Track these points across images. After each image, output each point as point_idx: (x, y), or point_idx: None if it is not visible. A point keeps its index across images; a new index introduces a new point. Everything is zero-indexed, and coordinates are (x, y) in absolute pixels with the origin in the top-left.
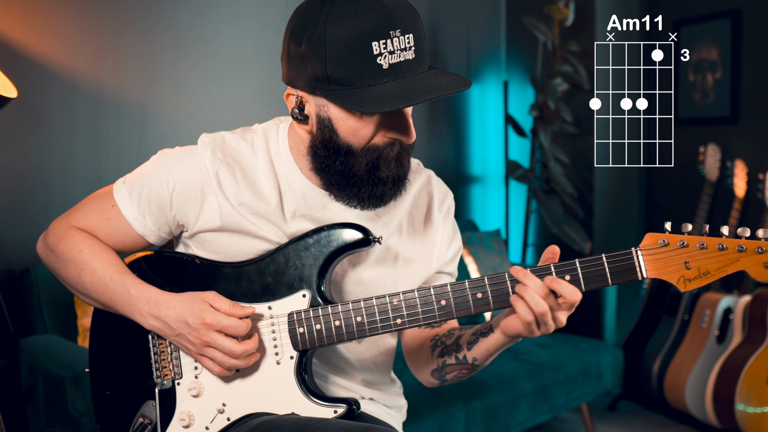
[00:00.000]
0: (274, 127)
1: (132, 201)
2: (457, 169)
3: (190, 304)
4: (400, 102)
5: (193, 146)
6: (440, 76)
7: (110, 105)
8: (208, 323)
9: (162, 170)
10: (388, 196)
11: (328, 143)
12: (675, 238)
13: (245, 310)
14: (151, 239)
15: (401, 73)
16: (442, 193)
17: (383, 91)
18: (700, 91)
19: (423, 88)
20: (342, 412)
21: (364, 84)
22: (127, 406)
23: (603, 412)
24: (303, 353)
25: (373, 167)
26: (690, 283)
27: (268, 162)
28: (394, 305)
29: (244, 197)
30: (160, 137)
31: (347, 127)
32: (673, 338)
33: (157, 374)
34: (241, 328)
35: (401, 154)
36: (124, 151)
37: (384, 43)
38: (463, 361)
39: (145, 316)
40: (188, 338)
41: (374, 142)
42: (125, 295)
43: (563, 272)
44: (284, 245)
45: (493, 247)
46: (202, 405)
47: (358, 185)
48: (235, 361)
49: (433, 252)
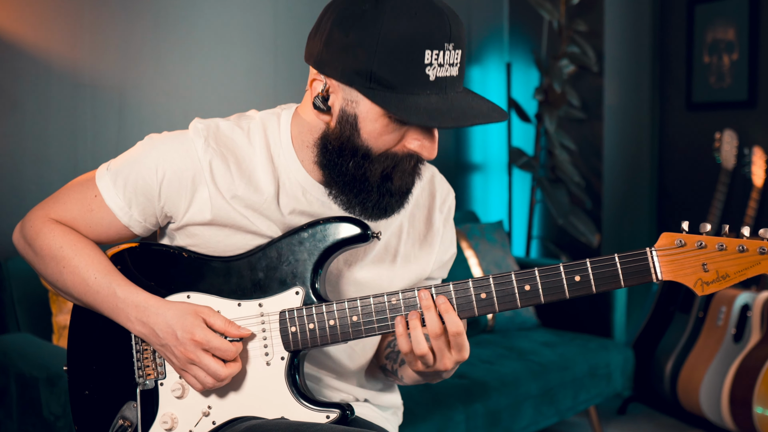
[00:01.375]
0: (274, 115)
1: (117, 189)
2: (457, 157)
3: (182, 316)
4: (448, 120)
5: (183, 132)
6: (478, 100)
7: (87, 88)
8: (197, 340)
9: (150, 157)
10: (392, 209)
11: (345, 141)
12: (692, 238)
13: (240, 331)
14: (136, 230)
15: (445, 88)
16: (444, 193)
17: (427, 104)
18: (716, 73)
19: (467, 111)
20: (335, 418)
21: (408, 91)
22: (107, 407)
23: (612, 415)
24: (295, 354)
25: (387, 176)
26: (708, 286)
27: (265, 152)
28: (392, 305)
29: (237, 190)
30: (140, 123)
31: (372, 129)
32: (686, 337)
33: (139, 374)
34: (230, 352)
35: (417, 165)
36: (102, 137)
37: (437, 53)
38: (395, 373)
39: (132, 320)
40: (173, 351)
41: (393, 150)
42: (110, 297)
43: (573, 272)
44: (277, 239)
45: (495, 240)
46: (186, 407)
47: (366, 192)
48: (217, 383)
49: (432, 255)
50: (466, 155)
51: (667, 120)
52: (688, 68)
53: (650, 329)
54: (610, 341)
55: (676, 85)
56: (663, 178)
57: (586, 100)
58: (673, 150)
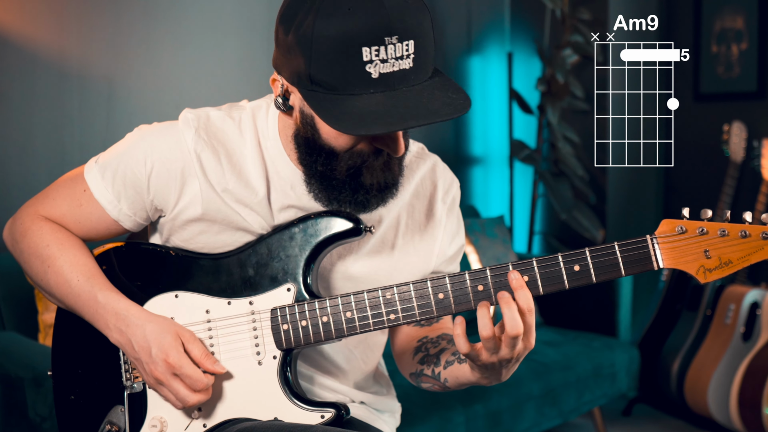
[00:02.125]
0: (264, 104)
1: (105, 183)
2: (457, 150)
3: (161, 334)
4: (380, 126)
5: (173, 122)
6: (437, 92)
7: (74, 78)
8: (169, 362)
9: (139, 149)
10: (373, 204)
11: (309, 141)
12: (694, 224)
13: (215, 367)
14: (126, 225)
15: (392, 84)
16: (448, 182)
17: (367, 105)
18: (724, 63)
19: (411, 110)
20: (330, 418)
21: (348, 92)
22: (94, 412)
23: (617, 416)
24: (287, 353)
25: (355, 173)
26: (711, 273)
27: (255, 145)
28: (387, 299)
29: (228, 183)
30: (129, 114)
31: (329, 131)
32: (694, 336)
33: (127, 377)
34: (200, 384)
35: (390, 161)
36: (89, 129)
37: (377, 49)
38: (437, 377)
39: (111, 327)
40: (144, 367)
41: (360, 148)
42: (91, 301)
43: (572, 262)
44: (267, 235)
45: (496, 236)
46: (176, 410)
47: (338, 189)
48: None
49: (434, 247)
50: (465, 148)
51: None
52: (696, 58)
53: (656, 328)
54: (615, 340)
55: (684, 75)
56: (670, 172)
57: (589, 90)
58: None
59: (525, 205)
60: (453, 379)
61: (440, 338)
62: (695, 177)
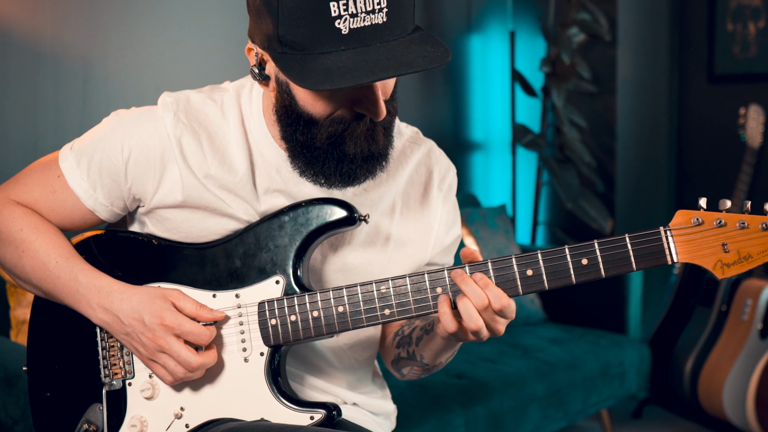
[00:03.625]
0: (248, 84)
1: (80, 171)
2: (456, 135)
3: (149, 300)
4: (347, 79)
5: (151, 107)
6: (413, 46)
7: (48, 58)
8: (167, 325)
9: (115, 135)
10: (359, 175)
11: (288, 110)
12: (711, 216)
13: (213, 314)
14: (102, 215)
15: (365, 40)
16: (444, 169)
17: (336, 63)
18: (741, 42)
19: (382, 63)
20: (320, 419)
21: (318, 50)
22: (70, 410)
23: (626, 418)
24: (275, 349)
25: (336, 141)
26: (729, 268)
27: (239, 127)
28: (382, 293)
29: (210, 168)
30: (107, 97)
31: (305, 95)
32: (708, 333)
33: (105, 373)
34: (204, 336)
35: (374, 128)
36: (64, 113)
37: (345, 3)
38: (413, 356)
39: (94, 307)
40: (140, 339)
41: (340, 114)
42: (72, 282)
43: (580, 255)
44: (255, 224)
45: (497, 226)
46: (157, 409)
47: (321, 160)
48: (189, 373)
49: (430, 237)
50: (465, 133)
51: (686, 94)
52: (710, 37)
53: (668, 324)
54: (624, 337)
55: (697, 55)
56: (682, 158)
57: (597, 72)
58: (694, 127)
59: (528, 194)
60: (428, 352)
61: None
62: (709, 164)
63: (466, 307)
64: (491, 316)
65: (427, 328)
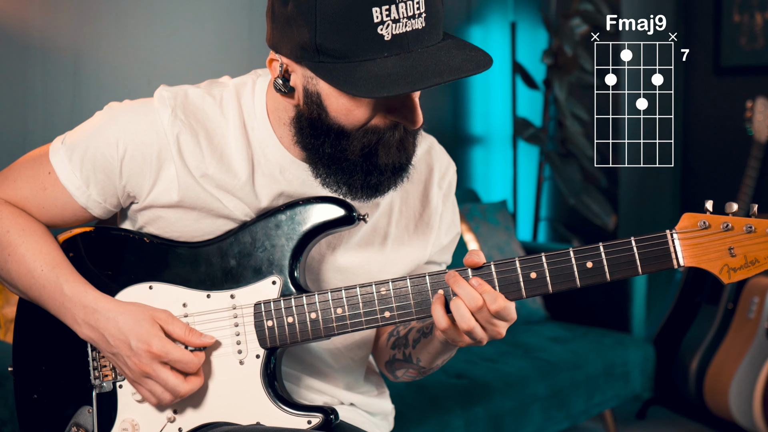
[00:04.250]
0: (249, 81)
1: (73, 166)
2: (455, 128)
3: (137, 323)
4: (402, 86)
5: (147, 100)
6: (455, 51)
7: (37, 51)
8: (153, 352)
9: (110, 129)
10: (385, 186)
11: (316, 122)
12: (717, 219)
13: (203, 340)
14: (95, 212)
15: (407, 46)
16: (444, 166)
17: (383, 69)
18: (748, 34)
19: (431, 68)
20: (318, 423)
21: (361, 58)
22: (59, 413)
23: (630, 419)
24: (271, 351)
25: (369, 153)
26: (735, 273)
27: (239, 125)
28: (382, 295)
29: (208, 168)
30: (98, 90)
31: (339, 106)
32: (714, 331)
33: (95, 375)
34: (192, 365)
35: (406, 138)
36: (54, 107)
37: (387, 9)
38: (409, 359)
39: (80, 323)
40: (126, 362)
41: (374, 123)
42: (57, 293)
43: (584, 258)
44: (251, 222)
45: (498, 222)
46: (149, 412)
47: (349, 172)
48: (176, 399)
49: (429, 236)
50: (465, 126)
51: (692, 87)
52: (716, 28)
53: (673, 323)
54: (628, 336)
55: (703, 47)
56: (687, 152)
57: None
58: (699, 120)
59: (530, 189)
60: (425, 355)
61: None
62: (715, 158)
63: (457, 307)
64: (487, 317)
65: (425, 331)
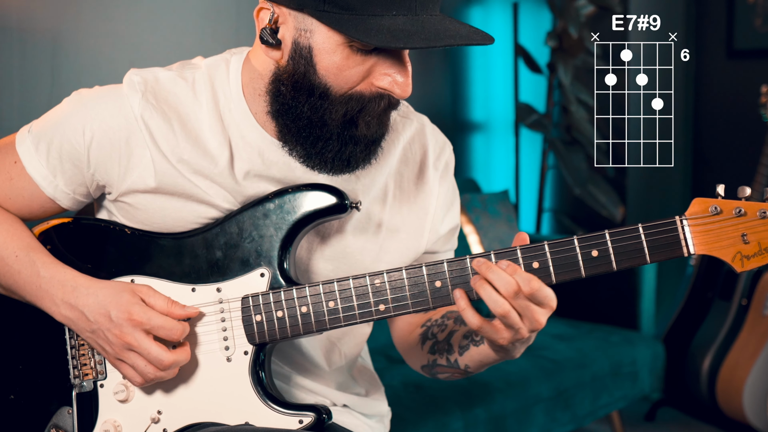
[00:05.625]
0: (222, 62)
1: (39, 155)
2: (454, 115)
3: (116, 294)
4: (416, 41)
5: (115, 86)
6: (457, 24)
7: (14, 32)
8: (135, 319)
9: (76, 116)
10: (356, 161)
11: (299, 79)
12: (730, 204)
13: (186, 311)
14: (64, 203)
15: (414, 9)
16: (439, 146)
17: (393, 25)
18: (762, 15)
19: (442, 32)
20: (309, 423)
21: (369, 12)
22: (37, 415)
23: (639, 421)
24: (260, 348)
25: (350, 121)
26: (748, 261)
27: (213, 107)
28: (376, 287)
29: (183, 153)
30: (78, 74)
31: (330, 63)
32: (727, 329)
33: (75, 373)
34: (176, 331)
35: (387, 111)
36: (31, 91)
37: None
38: (455, 365)
39: (58, 303)
40: (106, 336)
41: (359, 89)
42: (33, 277)
43: (589, 246)
44: (238, 211)
45: (499, 213)
46: (132, 413)
47: (324, 139)
48: (160, 372)
49: (426, 221)
50: (464, 112)
51: (703, 70)
52: (729, 9)
53: (684, 319)
54: (637, 334)
55: (715, 28)
56: (699, 140)
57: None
58: (712, 106)
59: (533, 179)
60: (475, 363)
61: (445, 318)
62: (728, 145)
63: (488, 294)
64: (524, 303)
65: (474, 338)
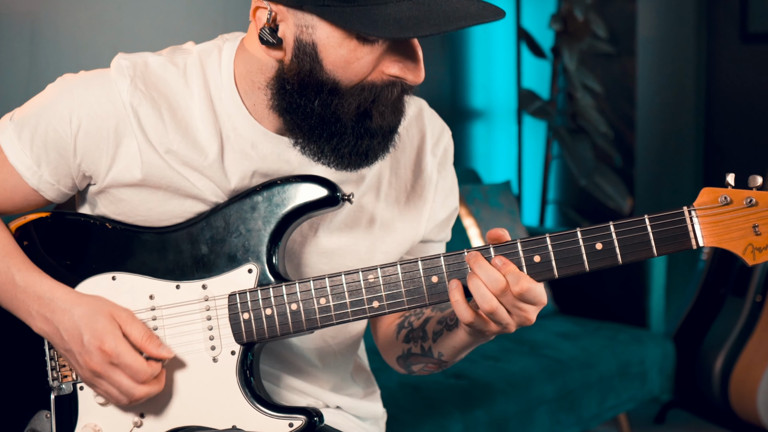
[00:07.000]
0: (215, 48)
1: (22, 144)
2: (453, 101)
3: (92, 316)
4: (425, 28)
5: (103, 71)
6: (464, 1)
7: None
8: (104, 350)
9: (62, 103)
10: (374, 153)
11: (306, 77)
12: (740, 194)
13: (160, 352)
14: (48, 195)
15: None
16: (438, 131)
17: (399, 13)
18: None
19: (450, 13)
20: (300, 426)
21: (372, 1)
22: (12, 419)
23: (648, 424)
24: (248, 347)
25: (364, 113)
26: (760, 253)
27: (205, 96)
28: (370, 283)
29: (172, 143)
30: (58, 59)
31: (337, 58)
32: (741, 327)
33: (53, 375)
34: (142, 375)
35: (401, 97)
36: (8, 76)
37: None
38: (429, 353)
39: (34, 315)
40: (77, 359)
41: (371, 79)
42: (8, 284)
43: (593, 239)
44: (224, 205)
45: (501, 205)
46: (113, 416)
47: (339, 135)
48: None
49: (423, 212)
50: (464, 99)
51: (716, 55)
52: None
53: (695, 317)
54: (646, 332)
55: (728, 10)
56: (711, 128)
57: (615, 30)
58: (724, 92)
59: (536, 169)
60: (448, 350)
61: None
62: (741, 134)
63: (477, 287)
64: (512, 301)
65: (448, 323)
